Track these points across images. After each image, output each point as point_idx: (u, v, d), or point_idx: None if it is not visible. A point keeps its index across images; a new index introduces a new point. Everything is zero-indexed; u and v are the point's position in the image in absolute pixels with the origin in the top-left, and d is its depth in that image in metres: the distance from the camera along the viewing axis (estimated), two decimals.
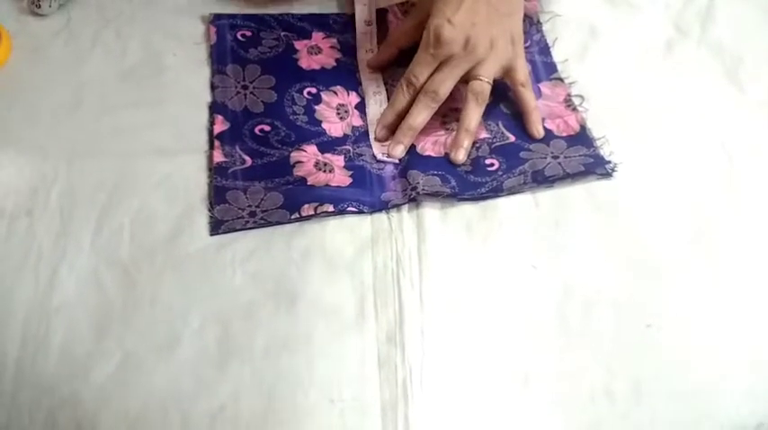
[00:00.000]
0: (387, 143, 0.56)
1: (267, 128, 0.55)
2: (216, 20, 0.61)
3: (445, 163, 0.54)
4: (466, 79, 0.54)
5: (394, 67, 0.59)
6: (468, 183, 0.53)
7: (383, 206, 0.51)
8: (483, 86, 0.54)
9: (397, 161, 0.54)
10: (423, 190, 0.51)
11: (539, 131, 0.55)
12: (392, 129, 0.55)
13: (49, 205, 0.50)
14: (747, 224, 0.51)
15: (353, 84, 0.59)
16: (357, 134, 0.56)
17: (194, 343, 0.45)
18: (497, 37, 0.54)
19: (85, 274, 0.47)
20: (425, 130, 0.56)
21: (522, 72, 0.56)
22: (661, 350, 0.45)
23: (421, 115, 0.54)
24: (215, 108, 0.56)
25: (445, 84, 0.53)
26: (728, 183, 0.53)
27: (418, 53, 0.54)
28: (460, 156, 0.54)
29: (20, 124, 0.55)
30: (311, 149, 0.54)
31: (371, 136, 0.56)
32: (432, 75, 0.54)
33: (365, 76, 0.60)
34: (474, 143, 0.55)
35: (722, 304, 0.47)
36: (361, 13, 0.63)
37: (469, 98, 0.54)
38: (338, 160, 0.54)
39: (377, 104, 0.58)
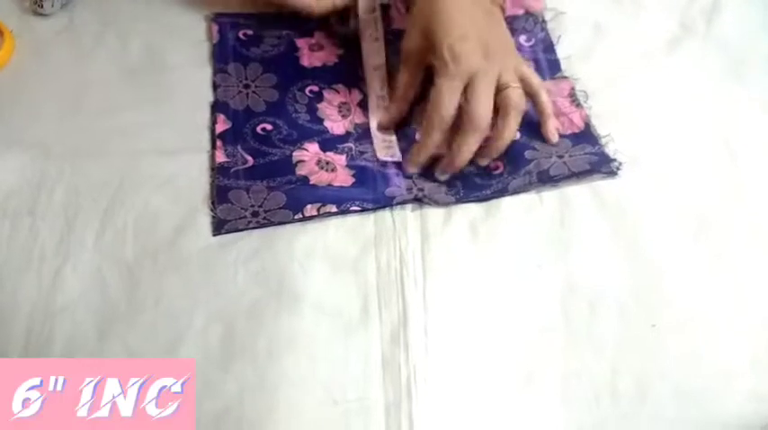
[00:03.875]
0: (389, 141, 0.55)
1: (269, 127, 0.55)
2: (217, 18, 0.61)
3: None
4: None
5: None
6: (474, 185, 0.53)
7: (387, 202, 0.51)
8: (518, 93, 0.50)
9: (399, 159, 0.54)
10: (428, 196, 0.51)
11: (552, 137, 0.54)
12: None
13: (52, 205, 0.50)
14: (752, 223, 0.51)
15: (356, 81, 0.59)
16: (359, 131, 0.56)
17: (198, 343, 0.45)
18: (505, 42, 0.53)
19: (89, 274, 0.47)
20: None
21: (535, 77, 0.53)
22: (666, 350, 0.45)
23: (470, 151, 0.50)
24: (217, 107, 0.56)
25: (486, 106, 0.49)
26: (733, 182, 0.53)
27: (437, 82, 0.50)
28: (485, 163, 0.52)
29: (23, 123, 0.55)
30: (313, 148, 0.54)
31: (374, 137, 0.55)
32: (466, 102, 0.49)
33: (369, 72, 0.58)
34: None
35: (727, 304, 0.47)
36: (364, 3, 0.61)
37: (509, 111, 0.50)
38: (340, 159, 0.54)
39: (380, 107, 0.57)
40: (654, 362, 0.45)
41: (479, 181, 0.53)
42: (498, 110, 0.51)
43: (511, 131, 0.51)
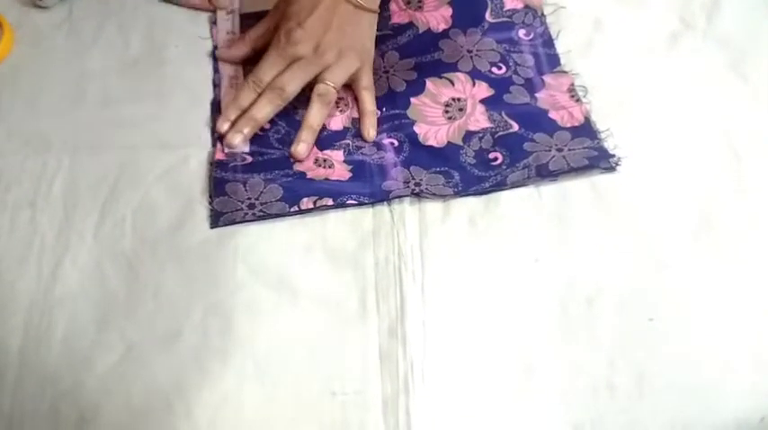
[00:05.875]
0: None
1: (267, 125, 0.55)
2: (218, 18, 0.61)
3: (448, 155, 0.54)
4: (312, 83, 0.55)
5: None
6: (472, 177, 0.53)
7: (384, 196, 0.51)
8: (328, 89, 0.54)
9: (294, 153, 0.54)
10: (426, 189, 0.51)
11: (369, 135, 0.55)
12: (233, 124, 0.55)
13: (51, 197, 0.50)
14: (752, 217, 0.51)
15: None
16: (357, 126, 0.56)
17: (196, 335, 0.45)
18: (346, 48, 0.55)
19: (88, 266, 0.48)
20: (427, 120, 0.55)
21: (367, 78, 0.57)
22: (663, 343, 0.45)
23: (265, 109, 0.54)
24: (216, 106, 0.56)
25: (293, 82, 0.54)
26: (733, 177, 0.53)
27: (268, 52, 0.55)
28: (301, 149, 0.53)
29: (22, 116, 0.55)
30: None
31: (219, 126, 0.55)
32: (280, 74, 0.54)
33: (223, 59, 0.59)
34: (477, 133, 0.55)
35: (725, 298, 0.47)
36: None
37: (315, 99, 0.55)
38: (337, 155, 0.54)
39: (231, 88, 0.57)
40: (652, 357, 0.45)
41: (477, 172, 0.53)
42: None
43: (314, 118, 0.54)
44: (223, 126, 0.54)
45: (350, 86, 0.58)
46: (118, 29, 0.60)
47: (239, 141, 0.54)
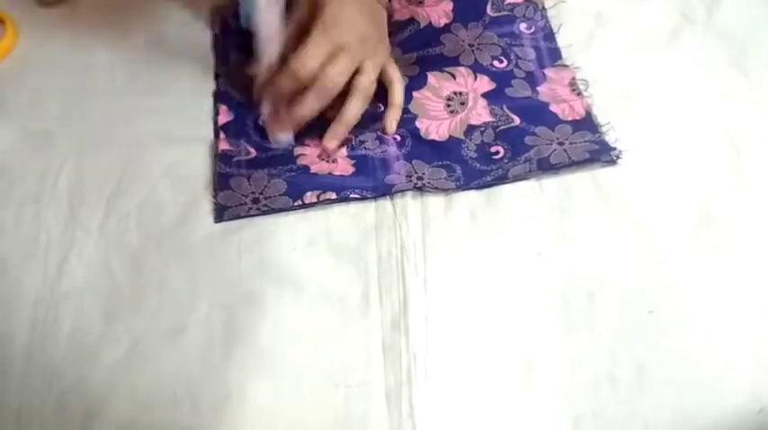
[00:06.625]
0: None
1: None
2: (220, 9, 0.61)
3: (450, 149, 0.54)
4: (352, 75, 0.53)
5: None
6: (474, 170, 0.53)
7: (387, 190, 0.51)
8: (369, 83, 0.53)
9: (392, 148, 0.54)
10: (428, 183, 0.51)
11: (391, 127, 0.55)
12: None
13: (56, 192, 0.51)
14: (752, 212, 0.51)
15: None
16: (360, 119, 0.56)
17: (201, 329, 0.45)
18: (378, 40, 0.55)
19: (94, 261, 0.48)
20: (429, 115, 0.56)
21: (395, 70, 0.56)
22: (664, 337, 0.46)
23: (314, 106, 0.52)
24: (219, 97, 0.56)
25: (341, 76, 0.51)
26: (733, 171, 0.53)
27: (311, 37, 0.51)
28: (331, 146, 0.53)
29: (26, 112, 0.55)
30: (313, 143, 0.54)
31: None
32: (323, 65, 0.51)
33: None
34: (479, 127, 0.55)
35: (725, 292, 0.47)
36: None
37: (355, 94, 0.53)
38: (340, 150, 0.54)
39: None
40: (653, 350, 0.45)
41: (479, 166, 0.53)
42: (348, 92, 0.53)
43: (353, 112, 0.53)
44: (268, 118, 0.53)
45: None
46: (121, 24, 0.60)
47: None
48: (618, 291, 0.47)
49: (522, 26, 0.61)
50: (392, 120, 0.55)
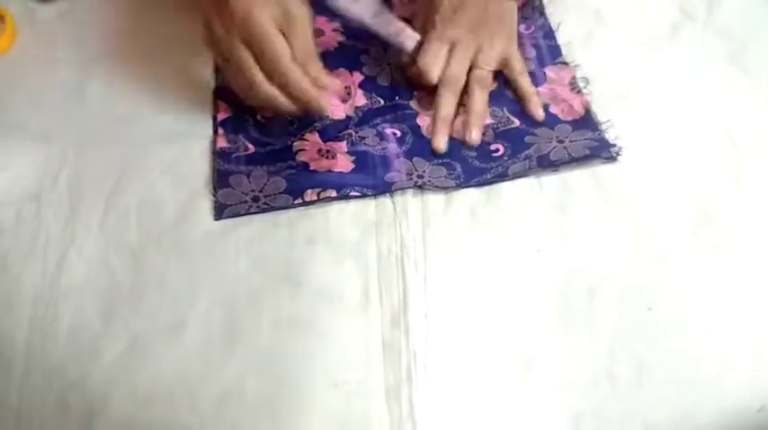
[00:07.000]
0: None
1: (269, 114, 0.55)
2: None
3: (450, 147, 0.54)
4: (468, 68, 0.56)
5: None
6: (474, 168, 0.53)
7: (387, 188, 0.51)
8: (484, 74, 0.55)
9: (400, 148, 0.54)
10: (429, 181, 0.51)
11: (539, 114, 0.56)
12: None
13: (56, 190, 0.51)
14: (751, 210, 0.51)
15: (357, 64, 0.59)
16: (360, 115, 0.56)
17: (200, 326, 0.45)
18: (496, 31, 0.56)
19: (93, 258, 0.48)
20: (430, 112, 0.55)
21: (519, 63, 0.57)
22: (663, 335, 0.46)
23: (447, 104, 0.55)
24: (218, 93, 0.56)
25: (463, 72, 0.55)
26: (733, 168, 0.53)
27: (427, 43, 0.55)
28: (475, 136, 0.54)
29: (25, 109, 0.55)
30: (313, 138, 0.54)
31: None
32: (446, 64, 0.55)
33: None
34: None
35: (724, 290, 0.48)
36: None
37: (474, 86, 0.55)
38: (340, 146, 0.54)
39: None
40: (652, 348, 0.45)
41: (479, 164, 0.53)
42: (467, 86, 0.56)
43: (479, 104, 0.55)
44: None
45: (351, 72, 0.58)
46: (119, 21, 0.60)
47: (444, 144, 0.54)
48: (617, 289, 0.47)
49: (521, 27, 0.61)
50: (537, 107, 0.56)
